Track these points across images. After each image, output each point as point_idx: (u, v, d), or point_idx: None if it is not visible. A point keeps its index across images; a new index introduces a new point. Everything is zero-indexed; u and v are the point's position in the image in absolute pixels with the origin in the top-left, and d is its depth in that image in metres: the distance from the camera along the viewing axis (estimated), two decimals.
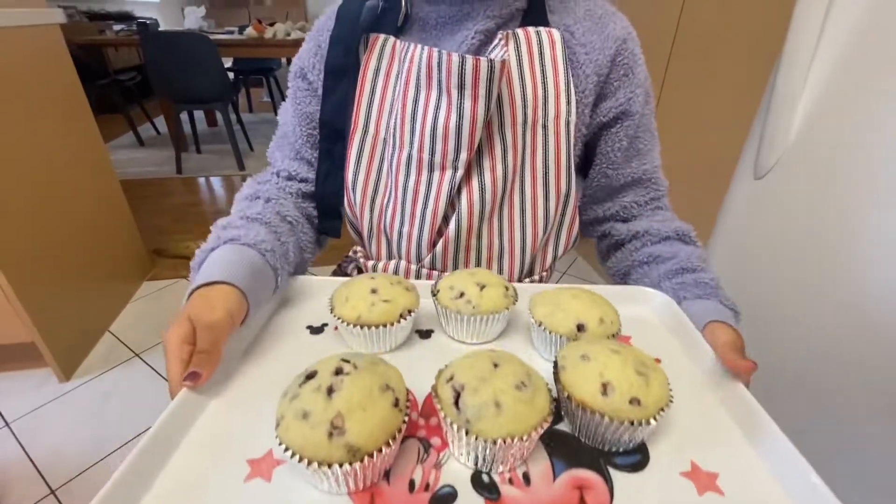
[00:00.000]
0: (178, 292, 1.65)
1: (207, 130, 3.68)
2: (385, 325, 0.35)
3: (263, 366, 0.37)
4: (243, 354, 0.38)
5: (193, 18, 3.18)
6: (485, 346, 0.38)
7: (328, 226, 0.51)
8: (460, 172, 0.42)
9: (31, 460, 1.01)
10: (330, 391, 0.25)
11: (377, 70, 0.43)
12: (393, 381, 0.27)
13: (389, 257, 0.50)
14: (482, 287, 0.37)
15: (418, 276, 0.47)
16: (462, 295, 0.37)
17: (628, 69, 0.44)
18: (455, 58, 0.37)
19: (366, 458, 0.24)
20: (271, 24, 2.91)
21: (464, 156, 0.41)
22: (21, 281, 1.10)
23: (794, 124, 0.58)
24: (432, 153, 0.41)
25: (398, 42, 0.43)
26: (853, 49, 0.51)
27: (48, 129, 1.25)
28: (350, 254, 0.57)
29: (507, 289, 0.39)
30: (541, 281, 0.51)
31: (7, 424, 1.10)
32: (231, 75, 3.15)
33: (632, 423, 0.27)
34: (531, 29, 0.41)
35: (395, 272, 0.48)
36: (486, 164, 0.42)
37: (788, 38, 0.55)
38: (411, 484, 0.26)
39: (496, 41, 0.41)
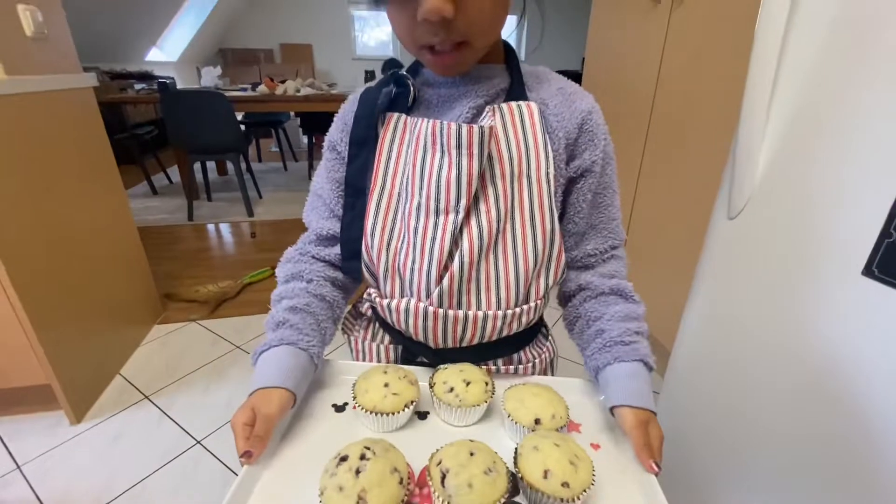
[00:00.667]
0: (186, 335, 1.69)
1: (218, 179, 3.83)
2: (394, 413, 0.47)
3: (302, 440, 0.47)
4: (286, 431, 0.48)
5: (210, 77, 3.41)
6: (468, 428, 0.50)
7: (350, 267, 0.57)
8: (461, 216, 0.50)
9: (40, 503, 1.02)
10: (357, 472, 0.36)
11: (392, 140, 0.53)
12: (399, 465, 0.38)
13: (402, 295, 0.55)
14: (468, 383, 0.49)
15: (425, 316, 0.53)
16: (452, 389, 0.49)
17: (592, 135, 0.53)
18: (454, 126, 0.47)
19: None
20: (282, 82, 3.11)
21: (463, 202, 0.49)
22: (43, 324, 1.15)
23: (757, 168, 0.66)
24: (437, 200, 0.49)
25: (408, 118, 0.53)
26: (804, 100, 0.59)
27: (77, 180, 1.35)
28: (365, 295, 0.62)
29: (486, 384, 0.50)
30: (536, 308, 0.56)
31: (18, 467, 1.11)
32: (242, 127, 3.33)
33: (562, 500, 0.38)
34: (513, 103, 0.51)
35: (406, 310, 0.53)
36: (482, 208, 0.50)
37: (745, 95, 0.63)
38: None
39: (485, 113, 0.51)
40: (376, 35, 7.08)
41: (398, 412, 0.47)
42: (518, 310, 0.54)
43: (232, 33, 6.42)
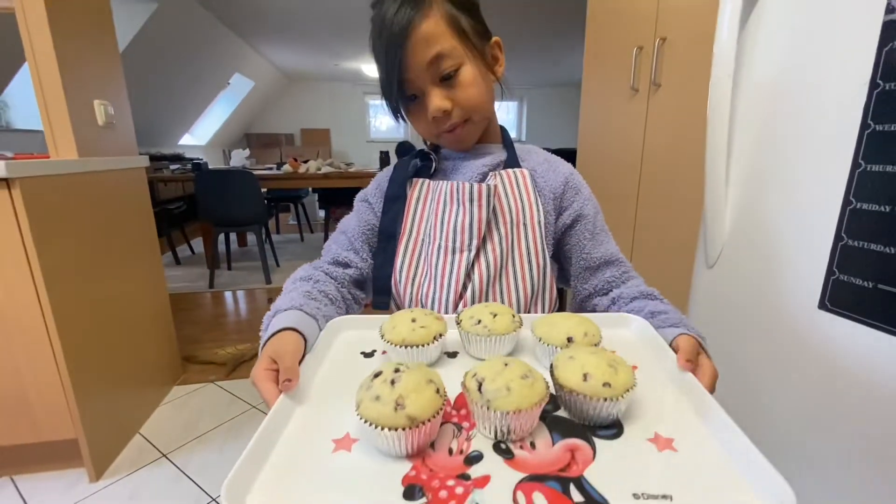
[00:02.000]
0: (204, 396, 1.74)
1: (238, 249, 4.03)
2: (423, 345, 0.47)
3: (333, 381, 0.47)
4: (315, 376, 0.48)
5: (238, 158, 3.74)
6: None
7: (380, 301, 0.68)
8: (473, 253, 0.62)
9: None
10: (393, 382, 0.36)
11: (418, 199, 0.68)
12: (434, 377, 0.39)
13: None
14: (494, 315, 0.49)
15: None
16: (479, 321, 0.49)
17: (576, 190, 0.67)
18: (467, 185, 0.62)
19: (420, 425, 0.34)
20: (305, 161, 3.40)
21: (475, 242, 0.62)
22: (81, 384, 1.22)
23: (725, 224, 0.77)
24: (454, 241, 0.63)
25: (431, 182, 0.67)
26: (753, 166, 0.72)
27: (125, 250, 1.50)
28: None
29: (514, 316, 0.50)
30: None
31: None
32: (265, 202, 3.58)
33: (605, 399, 0.37)
34: (510, 170, 0.66)
35: None
36: (489, 247, 0.63)
37: (706, 165, 0.76)
38: (450, 451, 0.36)
39: (489, 177, 0.66)
40: (388, 120, 7.67)
41: (427, 344, 0.47)
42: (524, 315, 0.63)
43: (257, 119, 7.06)
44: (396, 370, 0.38)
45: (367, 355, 0.52)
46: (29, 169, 1.08)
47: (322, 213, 4.70)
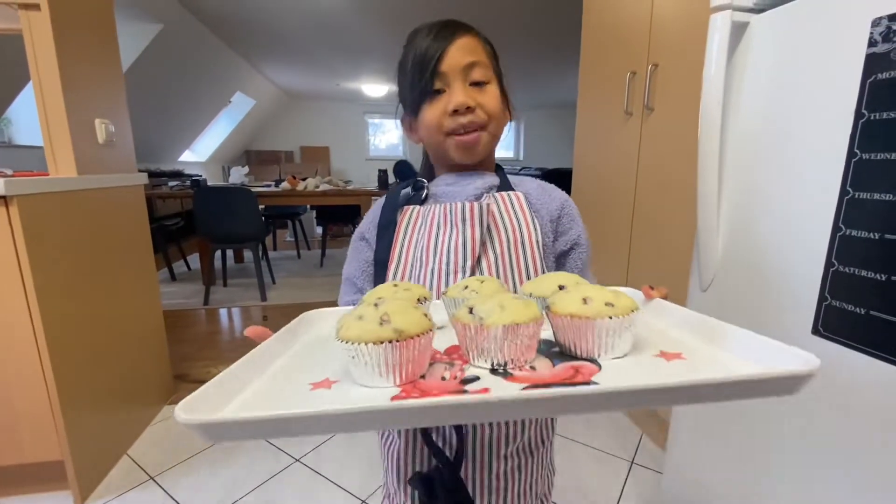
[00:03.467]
0: None
1: (235, 266, 4.02)
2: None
3: (304, 354, 0.43)
4: (286, 351, 0.43)
5: (237, 175, 3.76)
6: None
7: None
8: (467, 275, 0.61)
9: None
10: (376, 305, 0.34)
11: (407, 225, 0.67)
12: (420, 308, 0.36)
13: None
14: (482, 282, 0.47)
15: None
16: (466, 287, 0.46)
17: (572, 219, 0.68)
18: (459, 205, 0.62)
19: (408, 340, 0.31)
20: (304, 179, 3.43)
21: (469, 262, 0.61)
22: (70, 402, 1.20)
23: (717, 248, 0.77)
24: (448, 262, 0.62)
25: (421, 208, 0.67)
26: (743, 192, 0.73)
27: (120, 266, 1.49)
28: None
29: (501, 285, 0.48)
30: None
31: None
32: (263, 218, 3.59)
33: (610, 318, 0.34)
34: (504, 193, 0.66)
35: None
36: (485, 268, 0.62)
37: (699, 188, 0.77)
38: (443, 378, 0.33)
39: (483, 198, 0.65)
40: (387, 139, 7.82)
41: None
42: None
43: (257, 137, 7.13)
44: (380, 298, 0.36)
45: None
46: (27, 187, 1.08)
47: (319, 230, 4.71)
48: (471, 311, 0.35)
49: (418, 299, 0.44)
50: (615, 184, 1.56)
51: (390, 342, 0.31)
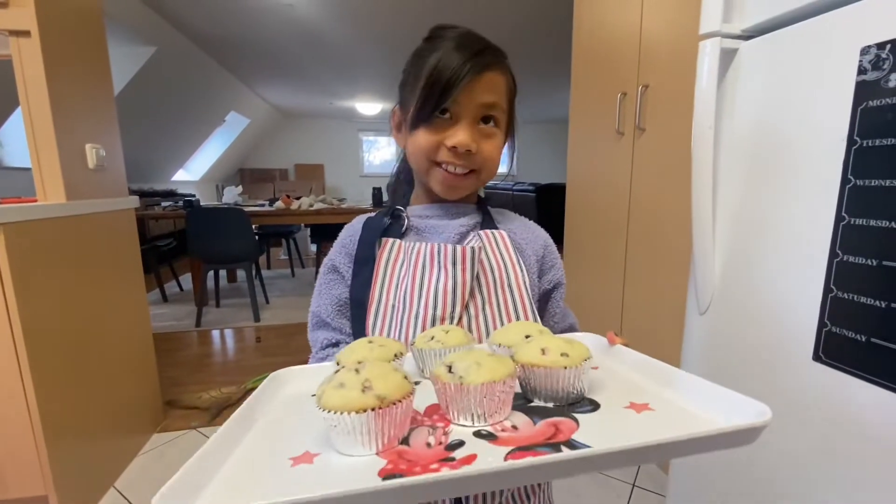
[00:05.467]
0: (185, 444, 1.66)
1: (227, 286, 3.98)
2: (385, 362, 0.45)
3: (282, 420, 0.41)
4: (263, 416, 0.42)
5: (231, 195, 3.75)
6: None
7: None
8: (456, 321, 0.58)
9: None
10: (357, 371, 0.35)
11: (387, 261, 0.62)
12: (399, 369, 0.37)
13: None
14: (447, 332, 0.48)
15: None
16: (432, 338, 0.48)
17: (554, 258, 0.67)
18: (450, 247, 0.58)
19: (391, 406, 0.32)
20: (297, 198, 3.42)
21: (458, 309, 0.57)
22: (55, 435, 1.17)
23: (715, 271, 0.77)
24: (435, 308, 0.57)
25: (402, 242, 0.62)
26: (739, 215, 0.73)
27: (110, 290, 1.47)
28: None
29: (465, 334, 0.49)
30: None
31: None
32: (256, 238, 3.57)
33: (565, 368, 0.38)
34: (488, 231, 0.63)
35: None
36: (473, 313, 0.59)
37: (693, 211, 0.77)
38: (428, 445, 0.34)
39: (470, 238, 0.62)
40: (381, 155, 7.86)
41: (390, 361, 0.45)
42: None
43: (251, 155, 7.14)
44: (359, 363, 0.37)
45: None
46: (13, 214, 1.07)
47: (314, 248, 4.69)
48: (450, 369, 0.37)
49: (395, 355, 0.46)
50: (608, 203, 1.57)
51: (373, 409, 0.32)
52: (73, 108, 1.34)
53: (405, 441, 0.35)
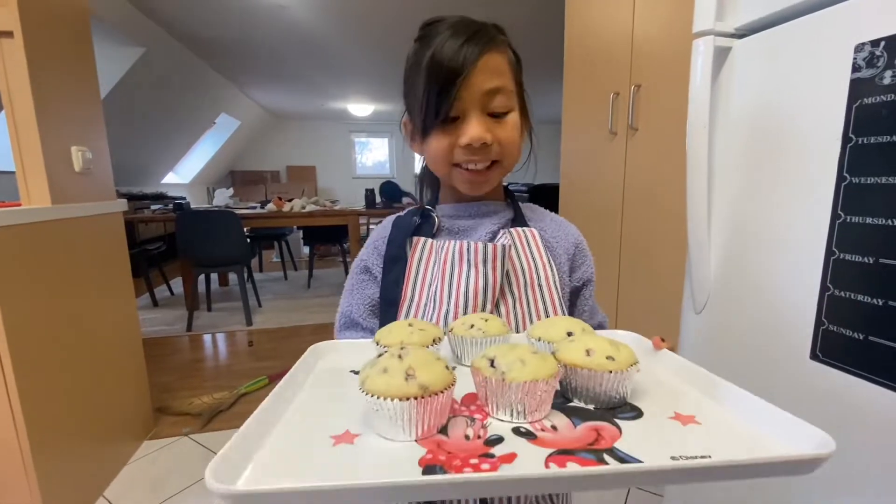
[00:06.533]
0: (176, 451, 1.63)
1: (219, 289, 3.93)
2: (424, 347, 0.43)
3: (320, 396, 0.42)
4: (300, 390, 0.43)
5: (222, 197, 3.71)
6: None
7: None
8: None
9: None
10: (400, 357, 0.35)
11: (419, 260, 0.62)
12: (441, 356, 0.38)
13: None
14: (486, 320, 0.48)
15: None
16: (472, 326, 0.48)
17: (585, 255, 0.65)
18: (480, 244, 0.57)
19: (433, 396, 0.33)
20: (289, 200, 3.39)
21: (489, 307, 0.57)
22: (41, 447, 1.14)
23: (710, 270, 0.77)
24: (465, 307, 0.57)
25: (434, 242, 0.62)
26: (737, 210, 0.72)
27: (97, 296, 1.44)
28: None
29: (503, 324, 0.49)
30: None
31: None
32: (248, 240, 3.53)
33: (611, 373, 0.37)
34: (519, 229, 0.63)
35: None
36: (503, 312, 0.58)
37: (688, 209, 0.77)
38: (466, 437, 0.34)
39: (500, 236, 0.62)
40: (374, 157, 7.83)
41: (427, 346, 0.45)
42: None
43: (242, 157, 7.08)
44: (402, 348, 0.36)
45: (358, 372, 0.48)
46: None
47: (306, 250, 4.65)
48: (492, 363, 0.36)
49: (434, 340, 0.46)
50: (602, 202, 1.57)
51: (415, 398, 0.32)
52: (58, 109, 1.31)
53: (443, 430, 0.35)
